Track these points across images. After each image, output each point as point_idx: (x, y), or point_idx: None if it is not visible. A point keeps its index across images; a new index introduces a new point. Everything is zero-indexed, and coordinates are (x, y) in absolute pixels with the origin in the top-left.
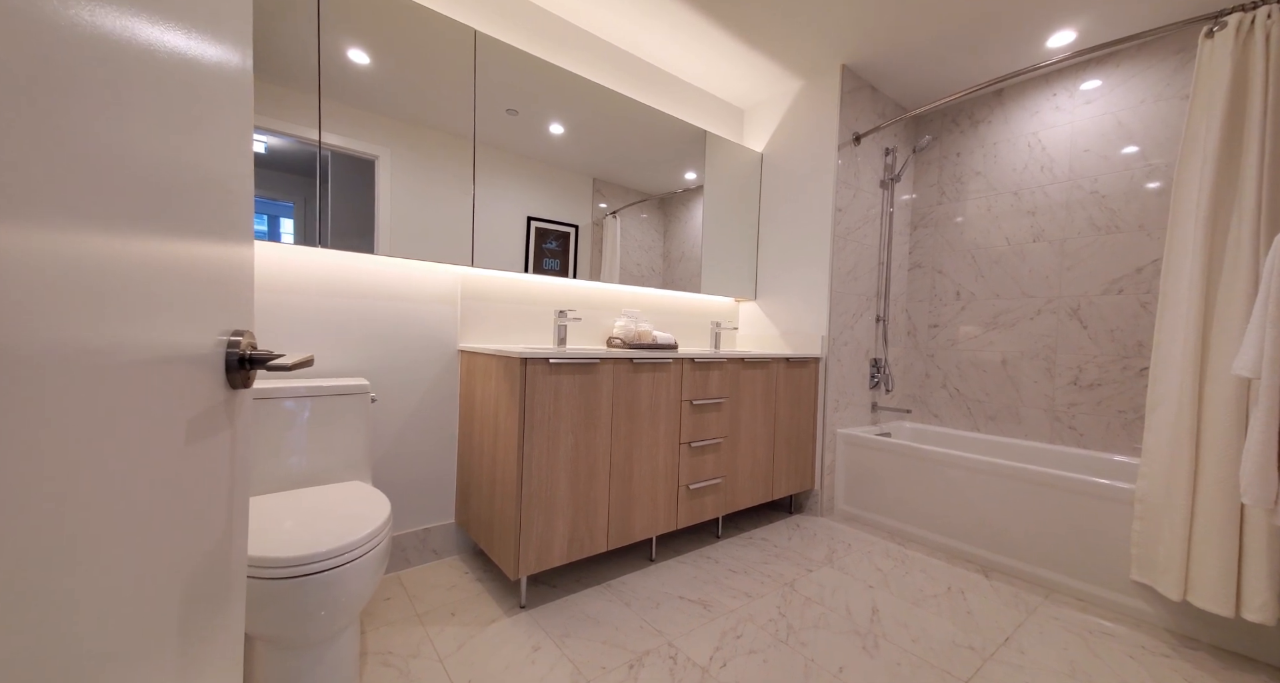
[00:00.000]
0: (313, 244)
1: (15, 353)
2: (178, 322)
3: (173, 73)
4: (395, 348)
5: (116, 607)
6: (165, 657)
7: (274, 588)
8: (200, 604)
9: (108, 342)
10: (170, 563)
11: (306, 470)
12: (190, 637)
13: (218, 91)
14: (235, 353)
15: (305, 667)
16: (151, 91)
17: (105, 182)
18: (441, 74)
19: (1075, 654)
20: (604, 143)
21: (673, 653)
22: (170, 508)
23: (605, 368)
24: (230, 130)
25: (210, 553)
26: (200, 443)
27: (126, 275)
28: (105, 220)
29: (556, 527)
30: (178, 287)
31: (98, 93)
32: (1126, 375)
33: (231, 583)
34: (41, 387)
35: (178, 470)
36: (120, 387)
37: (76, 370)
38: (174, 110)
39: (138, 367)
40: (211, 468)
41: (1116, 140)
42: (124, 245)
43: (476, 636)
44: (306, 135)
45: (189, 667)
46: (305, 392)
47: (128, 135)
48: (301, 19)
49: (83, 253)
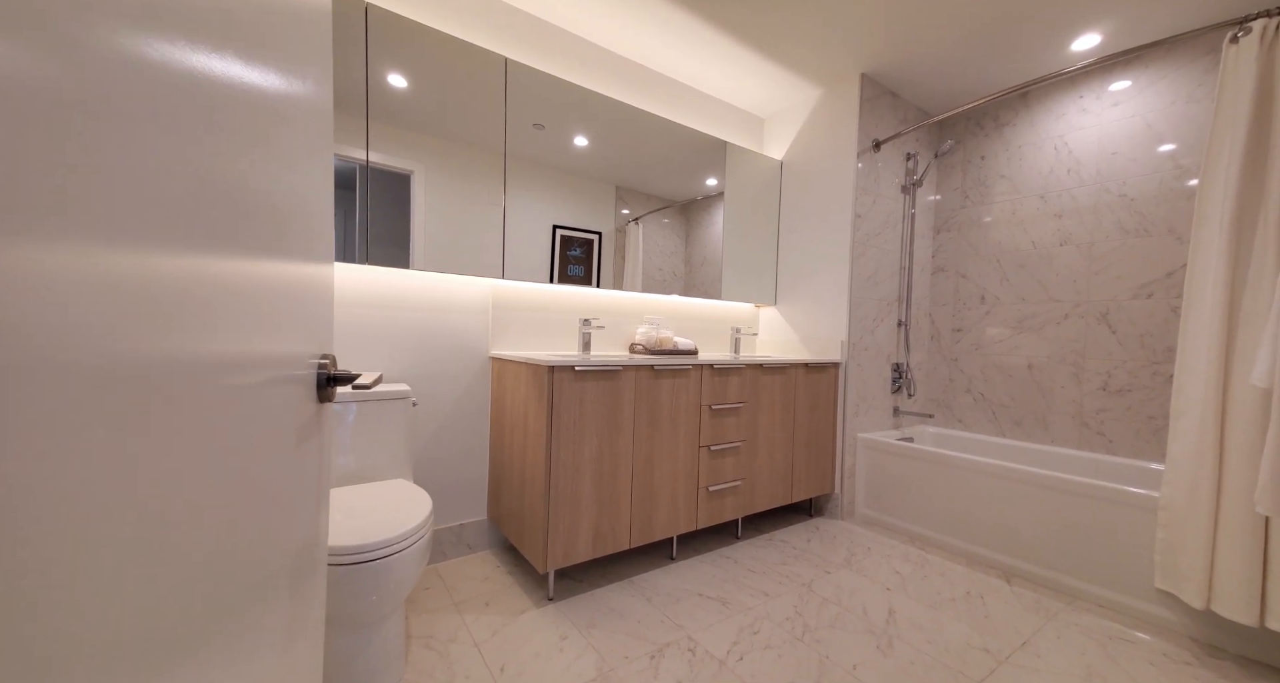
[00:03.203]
0: (353, 260)
1: (191, 361)
2: (286, 343)
3: (276, 108)
4: (432, 356)
5: (252, 573)
6: (279, 616)
7: (332, 574)
8: (301, 578)
9: (250, 359)
10: (283, 543)
11: (355, 469)
12: (296, 600)
13: (309, 124)
14: (324, 373)
15: (359, 646)
16: (252, 124)
17: (221, 210)
18: (474, 96)
19: (1093, 659)
20: (626, 153)
21: (692, 646)
22: (285, 499)
23: (627, 374)
24: (315, 157)
25: (306, 538)
26: (302, 447)
27: (245, 299)
28: (208, 243)
29: (582, 524)
30: (284, 309)
31: (240, 135)
32: (1157, 381)
33: (318, 564)
34: (204, 396)
35: (288, 469)
36: (255, 401)
37: (224, 387)
38: (275, 141)
39: (265, 385)
40: (308, 468)
41: (1146, 142)
42: (230, 267)
43: (509, 624)
44: (349, 153)
45: (294, 625)
46: (353, 397)
47: (240, 167)
48: (351, 50)
49: (203, 273)
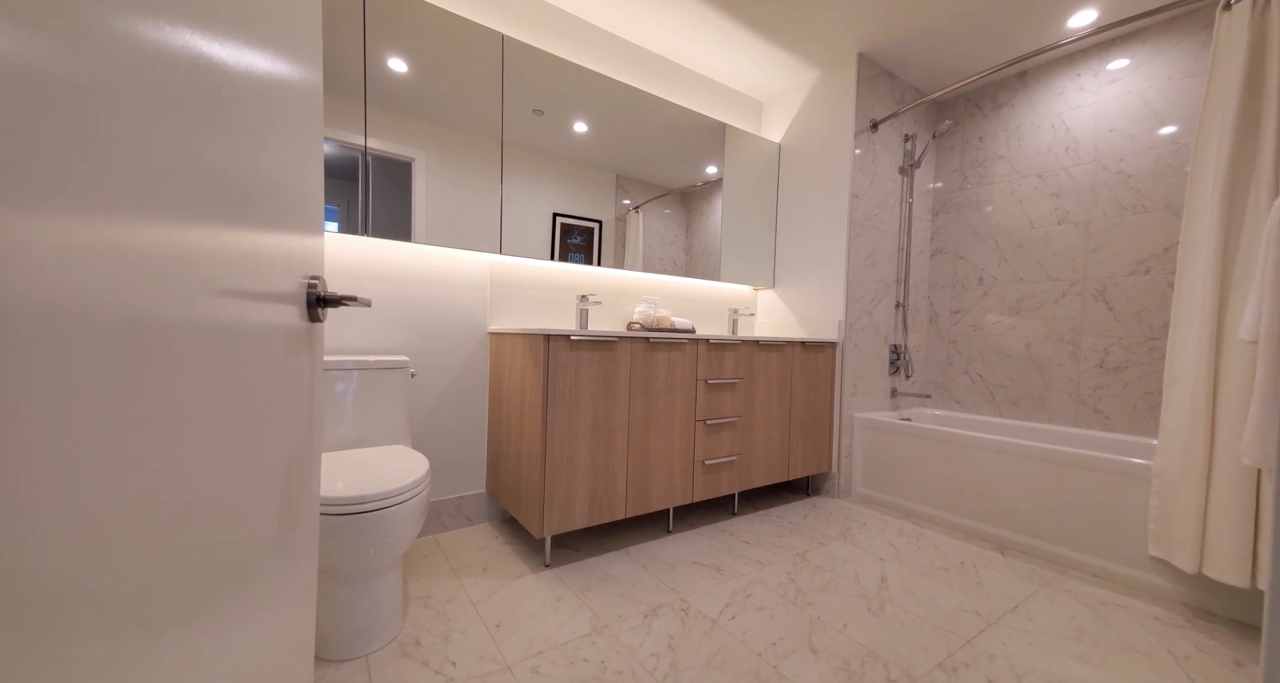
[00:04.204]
0: (355, 232)
1: (211, 294)
2: (279, 273)
3: (268, 95)
4: (431, 330)
5: (248, 473)
6: (269, 520)
7: (332, 524)
8: (293, 484)
9: (244, 287)
10: (275, 444)
11: (355, 435)
12: (287, 514)
13: (297, 109)
14: (314, 293)
15: (356, 597)
16: (246, 112)
17: (224, 189)
18: (472, 78)
19: (1084, 622)
20: (626, 139)
21: (685, 607)
22: (277, 398)
23: (623, 345)
24: (306, 141)
25: (297, 449)
26: (291, 357)
27: (249, 248)
28: (227, 216)
29: (578, 492)
30: (279, 251)
31: (245, 124)
32: (1154, 357)
33: (310, 469)
34: (216, 309)
35: (280, 371)
36: (251, 311)
37: (229, 301)
38: (272, 128)
39: (260, 299)
40: (298, 379)
41: (1143, 119)
42: (237, 237)
43: (505, 587)
44: (350, 140)
45: (283, 536)
46: (353, 365)
47: (234, 151)
48: (347, 31)
49: (217, 240)
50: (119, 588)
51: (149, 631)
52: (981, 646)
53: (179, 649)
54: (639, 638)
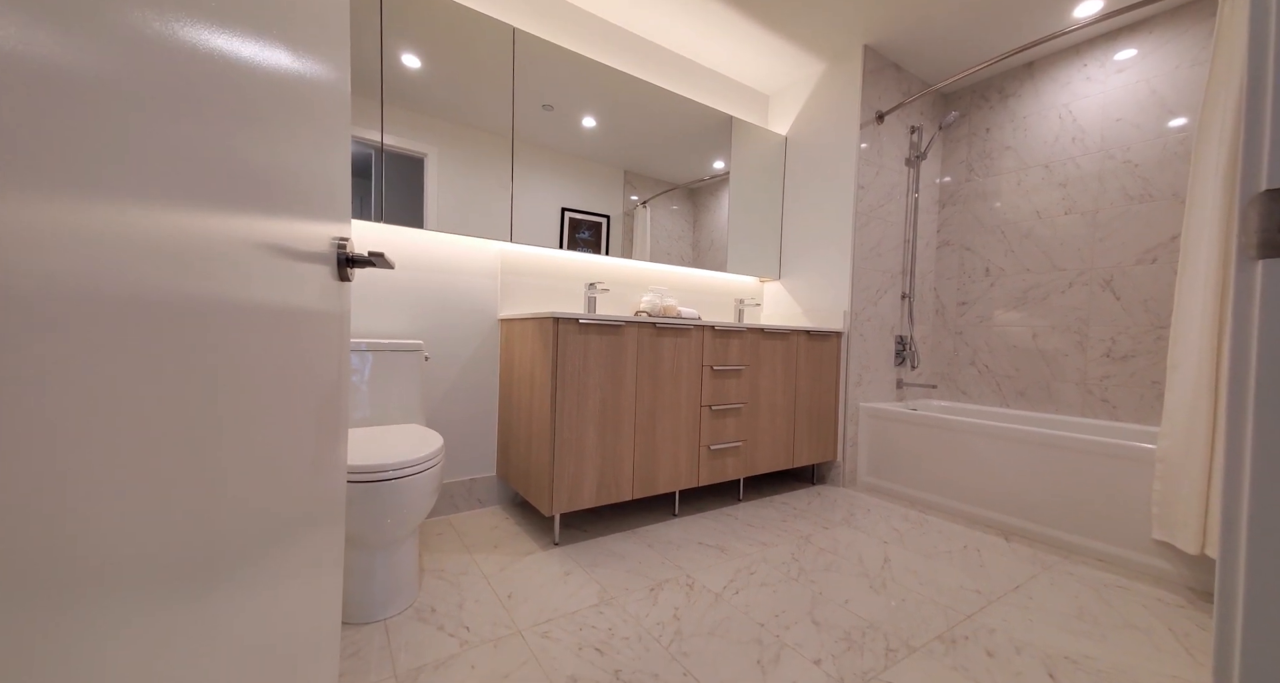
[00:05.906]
0: (369, 219)
1: (268, 246)
2: (314, 240)
3: (309, 98)
4: (443, 316)
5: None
6: (306, 452)
7: (352, 491)
8: (323, 452)
9: (285, 245)
10: (306, 411)
11: (371, 414)
12: (318, 478)
13: (328, 108)
14: (343, 253)
15: (375, 566)
16: (283, 112)
17: (268, 185)
18: (484, 73)
19: (1086, 602)
20: (634, 134)
21: (690, 582)
22: (313, 346)
23: (630, 330)
24: (335, 138)
25: (327, 395)
26: (323, 307)
27: (284, 229)
28: (270, 204)
29: (586, 472)
30: (313, 228)
31: (275, 127)
32: (1161, 346)
33: (340, 423)
34: (274, 264)
35: (314, 320)
36: (294, 267)
37: (278, 258)
38: (307, 127)
39: (297, 259)
40: (329, 330)
41: (1150, 108)
42: (276, 226)
43: (516, 563)
44: (366, 137)
45: (316, 479)
46: (369, 347)
47: (269, 149)
48: (363, 28)
49: (255, 228)
50: (165, 553)
51: (199, 591)
52: (981, 621)
53: (226, 608)
54: (645, 609)
